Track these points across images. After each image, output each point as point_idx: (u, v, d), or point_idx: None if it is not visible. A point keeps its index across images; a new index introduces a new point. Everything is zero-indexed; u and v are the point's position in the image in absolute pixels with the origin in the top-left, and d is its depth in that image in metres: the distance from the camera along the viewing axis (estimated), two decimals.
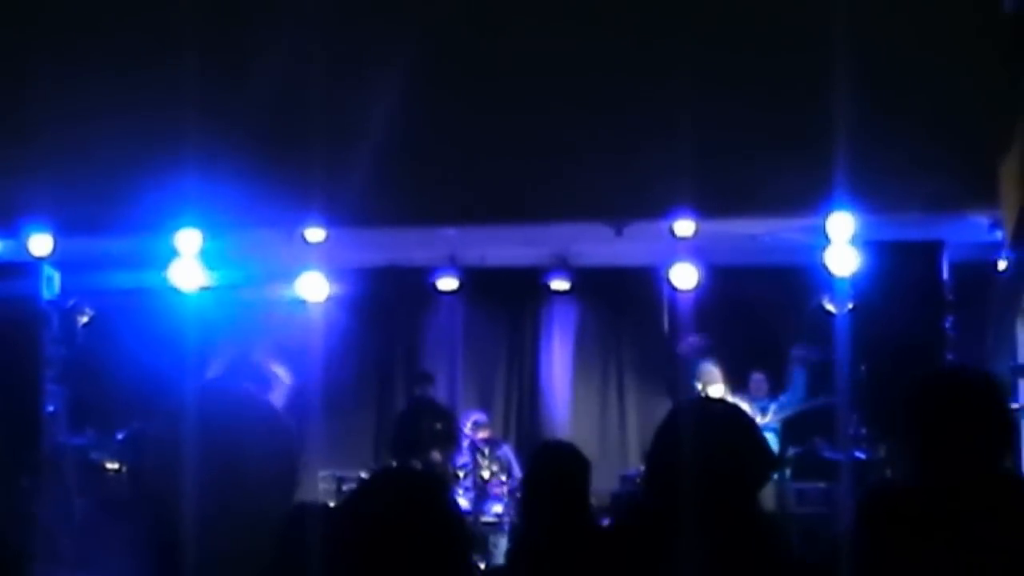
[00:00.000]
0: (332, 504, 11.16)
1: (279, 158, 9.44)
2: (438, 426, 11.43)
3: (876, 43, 8.94)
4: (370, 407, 13.40)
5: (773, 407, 11.25)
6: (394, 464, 11.02)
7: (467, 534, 2.72)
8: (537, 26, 9.61)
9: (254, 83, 9.24)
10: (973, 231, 9.77)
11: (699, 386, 11.12)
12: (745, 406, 10.54)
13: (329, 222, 10.22)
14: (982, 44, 9.03)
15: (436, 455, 11.33)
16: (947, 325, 9.75)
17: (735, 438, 3.15)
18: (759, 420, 11.10)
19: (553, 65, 9.51)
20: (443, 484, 2.83)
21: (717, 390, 11.06)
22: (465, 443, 11.70)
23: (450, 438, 11.44)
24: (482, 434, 11.95)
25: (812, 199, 9.25)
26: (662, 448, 3.23)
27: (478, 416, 12.10)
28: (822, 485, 10.80)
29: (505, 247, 11.76)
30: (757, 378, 11.39)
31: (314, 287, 11.25)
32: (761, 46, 9.22)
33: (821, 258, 9.70)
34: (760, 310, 11.84)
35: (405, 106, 9.35)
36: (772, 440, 11.14)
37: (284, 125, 9.46)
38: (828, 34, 8.50)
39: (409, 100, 9.36)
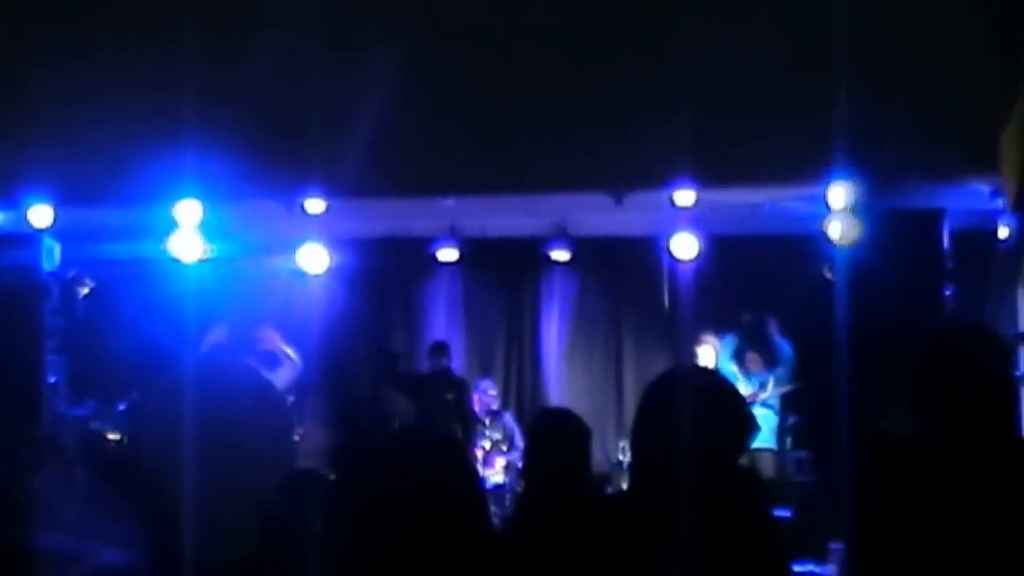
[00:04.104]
0: (331, 475, 11.27)
1: (278, 129, 9.42)
2: (449, 397, 11.44)
3: (876, 11, 8.91)
4: (369, 378, 13.40)
5: (772, 379, 11.25)
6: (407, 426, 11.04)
7: (482, 492, 2.73)
8: None
9: (253, 54, 9.21)
10: (974, 199, 9.76)
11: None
12: (741, 382, 10.76)
13: (329, 193, 10.21)
14: (982, 11, 9.00)
15: (457, 432, 11.36)
16: (948, 293, 9.76)
17: (715, 405, 3.15)
18: (761, 395, 11.15)
19: (552, 34, 9.48)
20: (458, 443, 2.82)
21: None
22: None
23: (462, 409, 11.45)
24: (491, 404, 11.98)
25: (812, 168, 9.24)
26: (646, 419, 3.24)
27: (486, 384, 12.12)
28: None
29: (505, 217, 11.75)
30: (752, 356, 11.40)
31: (314, 258, 11.24)
32: (761, 15, 9.19)
33: (822, 227, 9.70)
34: (761, 280, 11.82)
35: (405, 76, 9.33)
36: (770, 415, 11.17)
37: (284, 96, 9.44)
38: (828, 3, 8.48)
39: (409, 70, 9.33)
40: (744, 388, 11.13)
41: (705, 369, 4.75)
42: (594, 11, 9.49)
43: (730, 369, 11.18)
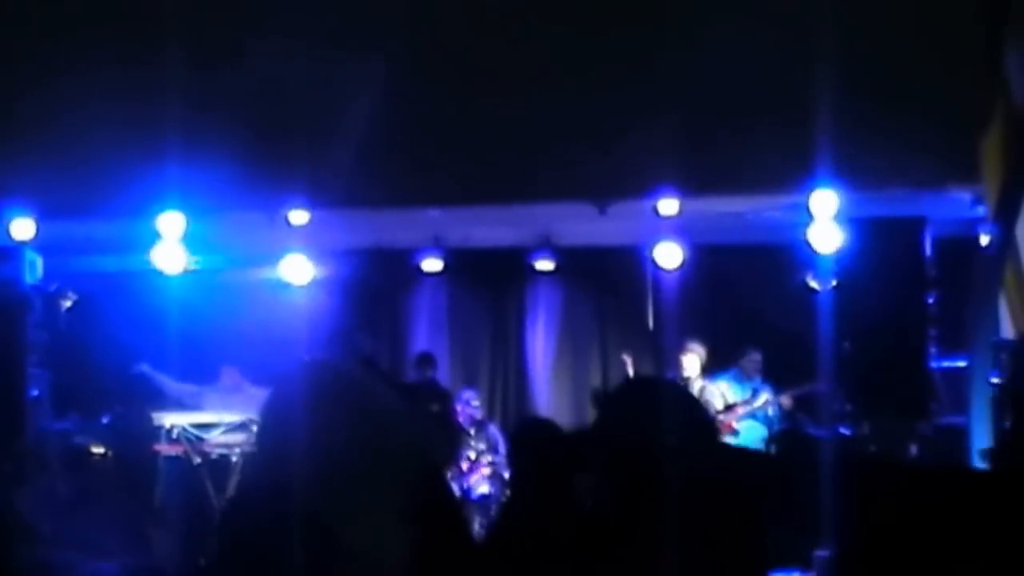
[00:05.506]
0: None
1: (262, 141, 9.40)
2: (435, 408, 11.43)
3: (858, 20, 8.94)
4: None
5: (765, 389, 11.22)
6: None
7: (458, 506, 2.74)
8: (520, 7, 9.59)
9: (237, 66, 9.20)
10: (955, 207, 9.80)
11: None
12: (734, 387, 10.80)
13: (312, 204, 10.21)
14: (962, 20, 9.04)
15: (443, 443, 11.35)
16: (930, 301, 9.78)
17: (667, 412, 3.15)
18: (755, 404, 11.14)
19: (536, 46, 9.49)
20: (434, 460, 2.81)
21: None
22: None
23: (447, 421, 11.44)
24: (475, 415, 11.94)
25: (795, 177, 9.26)
26: (601, 433, 3.25)
27: (469, 394, 12.09)
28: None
29: (489, 228, 11.76)
30: (755, 357, 11.33)
31: (298, 270, 11.23)
32: (744, 25, 9.21)
33: (804, 235, 9.72)
34: (744, 288, 11.84)
35: (388, 88, 9.32)
36: (758, 426, 11.15)
37: (267, 108, 9.43)
38: (810, 12, 8.50)
39: (392, 82, 9.33)
40: (734, 395, 11.14)
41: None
42: (577, 22, 9.50)
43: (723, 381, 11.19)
